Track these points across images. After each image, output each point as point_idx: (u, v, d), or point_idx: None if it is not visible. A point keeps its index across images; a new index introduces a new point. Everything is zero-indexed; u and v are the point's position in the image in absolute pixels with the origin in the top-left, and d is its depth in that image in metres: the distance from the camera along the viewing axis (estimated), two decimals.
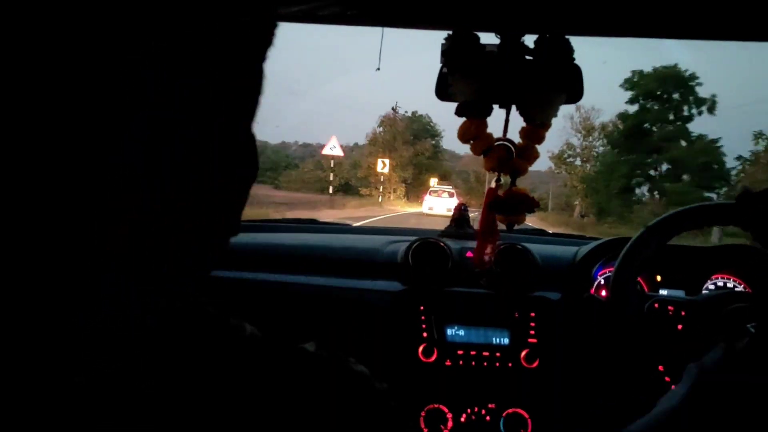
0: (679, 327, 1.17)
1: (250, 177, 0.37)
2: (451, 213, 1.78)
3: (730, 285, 1.45)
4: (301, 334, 0.43)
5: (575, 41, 0.91)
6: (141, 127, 0.29)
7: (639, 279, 1.42)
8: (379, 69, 1.06)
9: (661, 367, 1.12)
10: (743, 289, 1.44)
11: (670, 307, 1.19)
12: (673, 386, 1.11)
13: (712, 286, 1.46)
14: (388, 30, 0.94)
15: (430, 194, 23.80)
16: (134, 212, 0.30)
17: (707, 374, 0.41)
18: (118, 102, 0.28)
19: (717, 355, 0.41)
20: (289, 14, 0.79)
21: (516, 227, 1.06)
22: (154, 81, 0.29)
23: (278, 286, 1.43)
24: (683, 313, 1.19)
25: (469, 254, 1.49)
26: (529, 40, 0.91)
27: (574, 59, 0.91)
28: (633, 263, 1.09)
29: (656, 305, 1.19)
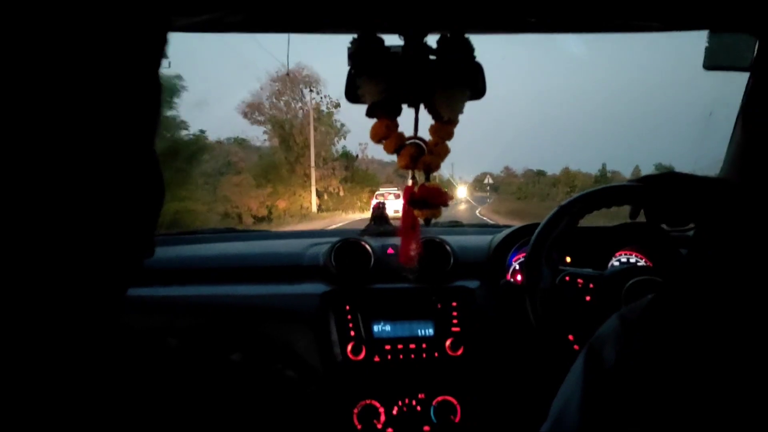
0: (587, 298, 1.25)
1: (158, 197, 0.37)
2: (399, 214, 1.79)
3: (633, 260, 1.56)
4: (228, 346, 0.43)
5: (475, 39, 0.95)
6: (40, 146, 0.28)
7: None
8: (289, 74, 1.06)
9: (570, 336, 1.20)
10: (645, 264, 1.55)
11: (579, 280, 1.27)
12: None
13: (617, 263, 1.56)
14: (295, 36, 0.94)
15: (376, 197, 23.74)
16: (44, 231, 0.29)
17: (595, 345, 0.45)
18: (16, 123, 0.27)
19: (612, 325, 0.45)
20: (194, 24, 0.79)
21: (434, 221, 1.09)
22: (51, 97, 0.28)
23: (201, 299, 1.40)
24: (591, 286, 1.27)
25: (390, 251, 1.52)
26: (432, 40, 0.95)
27: (474, 57, 0.95)
28: (546, 239, 1.16)
29: (567, 278, 1.27)
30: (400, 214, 1.80)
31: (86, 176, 0.31)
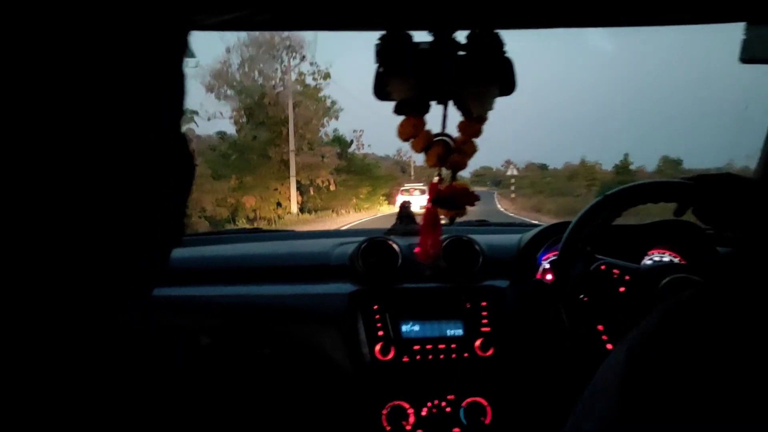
0: (621, 290, 1.23)
1: (189, 177, 0.37)
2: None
3: (666, 259, 1.52)
4: (257, 343, 0.43)
5: (505, 35, 0.93)
6: (72, 136, 0.28)
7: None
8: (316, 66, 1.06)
9: (600, 327, 1.17)
10: (680, 262, 1.52)
11: (615, 270, 1.25)
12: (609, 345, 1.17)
13: (649, 261, 1.53)
14: (322, 33, 0.94)
15: (401, 194, 23.50)
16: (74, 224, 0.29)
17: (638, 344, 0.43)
18: (46, 112, 0.27)
19: (651, 322, 0.44)
20: (222, 23, 0.78)
21: (459, 220, 1.08)
22: (79, 88, 0.28)
23: (228, 299, 1.41)
24: (627, 278, 1.24)
25: (417, 250, 1.50)
26: (461, 36, 0.93)
27: (505, 52, 0.93)
28: (585, 226, 1.14)
29: (602, 267, 1.25)
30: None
31: (117, 162, 0.31)
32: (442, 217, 1.09)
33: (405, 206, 1.86)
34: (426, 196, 1.04)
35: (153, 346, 0.38)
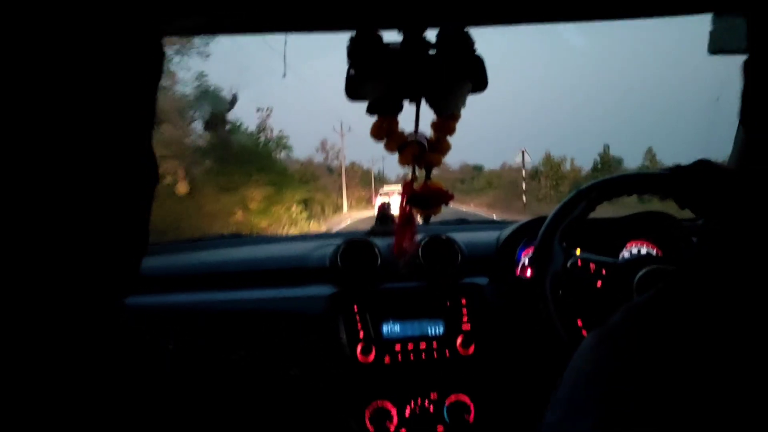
0: (599, 284, 1.24)
1: (153, 186, 0.37)
2: None
3: (644, 251, 1.54)
4: (232, 347, 0.42)
5: (476, 32, 0.93)
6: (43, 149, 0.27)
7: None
8: (285, 75, 1.06)
9: (579, 321, 1.18)
10: (657, 254, 1.53)
11: (591, 265, 1.26)
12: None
13: (627, 254, 1.54)
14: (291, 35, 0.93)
15: (380, 195, 23.42)
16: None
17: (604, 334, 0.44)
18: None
19: (618, 316, 0.44)
20: (190, 26, 0.78)
21: (438, 218, 1.08)
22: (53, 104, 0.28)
23: (208, 305, 1.40)
24: (603, 272, 1.25)
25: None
26: (432, 35, 0.93)
27: (475, 50, 0.94)
28: (560, 222, 1.15)
29: (579, 263, 1.26)
30: None
31: (83, 175, 0.31)
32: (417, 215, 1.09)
33: (384, 207, 1.86)
34: None
35: (127, 353, 0.37)
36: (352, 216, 24.25)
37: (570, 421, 0.41)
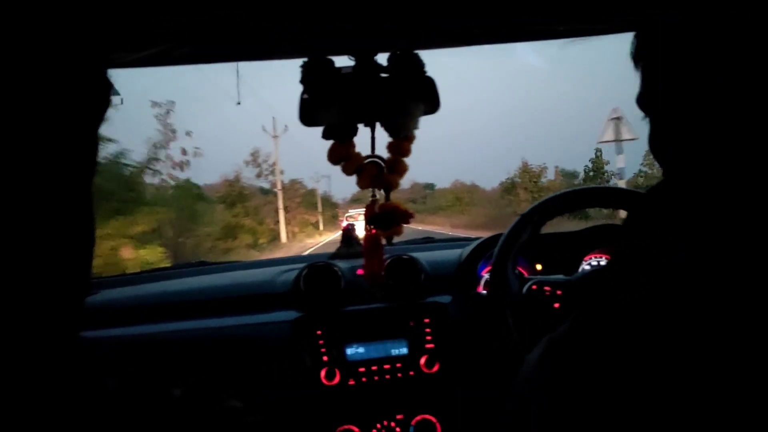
0: (556, 306, 1.26)
1: (92, 232, 0.37)
2: None
3: (603, 263, 1.57)
4: (175, 380, 0.42)
5: (426, 54, 0.96)
6: None
7: (520, 269, 1.51)
8: (239, 103, 1.06)
9: None
10: None
11: (546, 288, 1.28)
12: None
13: (587, 266, 1.57)
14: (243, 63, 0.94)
15: (346, 219, 22.67)
16: None
17: (553, 342, 0.45)
18: None
19: (565, 325, 0.45)
20: (139, 59, 0.78)
21: (402, 239, 1.09)
22: None
23: (170, 335, 1.38)
24: (559, 292, 1.28)
25: (360, 272, 1.51)
26: (383, 58, 0.95)
27: (425, 72, 0.96)
28: (510, 249, 1.17)
29: (534, 287, 1.28)
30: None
31: (26, 215, 0.30)
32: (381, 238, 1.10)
33: (348, 229, 1.87)
34: None
35: (81, 386, 0.37)
36: (292, 248, 20.09)
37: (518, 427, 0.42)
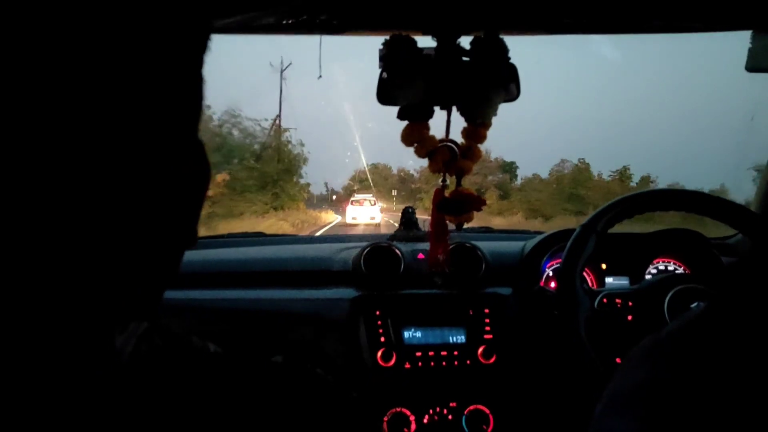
0: (629, 318, 1.21)
1: (204, 181, 0.37)
2: (375, 221, 1.79)
3: (671, 268, 1.52)
4: (261, 350, 0.42)
5: (510, 41, 0.93)
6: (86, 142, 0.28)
7: (586, 270, 1.47)
8: (321, 77, 1.06)
9: (618, 360, 1.15)
10: (683, 272, 1.51)
11: (617, 300, 1.24)
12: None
13: (654, 271, 1.52)
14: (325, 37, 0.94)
15: (352, 204, 22.50)
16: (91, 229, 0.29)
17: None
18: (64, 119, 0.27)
19: (675, 324, 0.43)
20: (226, 26, 0.79)
21: (465, 226, 1.07)
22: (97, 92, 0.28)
23: (231, 302, 1.41)
24: (630, 304, 1.23)
25: (420, 256, 1.50)
26: (465, 41, 0.93)
27: (509, 58, 0.93)
28: (576, 262, 1.13)
29: (605, 300, 1.24)
30: (374, 221, 1.79)
31: (133, 166, 0.31)
32: (448, 223, 1.09)
33: (407, 211, 1.86)
34: (376, 208, 1.03)
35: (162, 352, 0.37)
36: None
37: (611, 417, 0.41)
